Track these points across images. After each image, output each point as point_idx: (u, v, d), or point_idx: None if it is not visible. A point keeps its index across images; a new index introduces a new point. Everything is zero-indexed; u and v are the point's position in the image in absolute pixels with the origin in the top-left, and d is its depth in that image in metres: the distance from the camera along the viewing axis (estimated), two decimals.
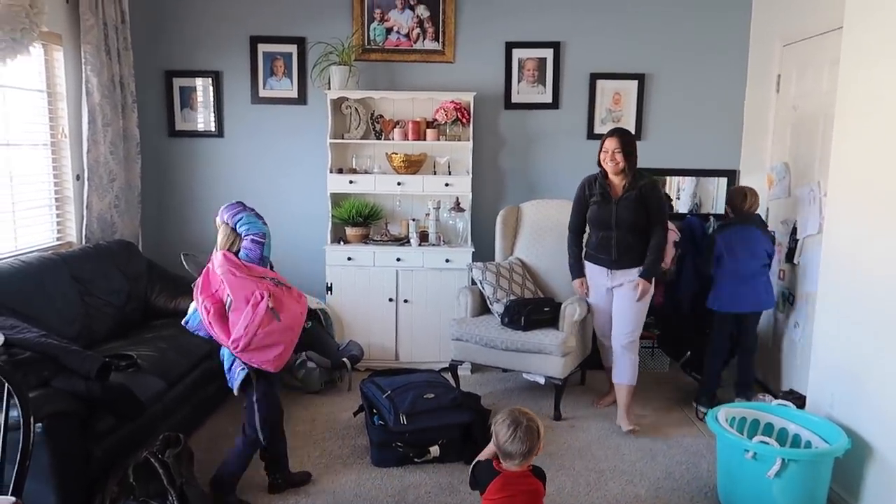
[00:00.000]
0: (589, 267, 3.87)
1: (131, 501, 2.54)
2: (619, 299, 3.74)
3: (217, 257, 2.72)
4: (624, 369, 3.72)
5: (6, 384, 1.83)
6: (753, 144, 4.66)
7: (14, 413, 1.89)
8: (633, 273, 3.68)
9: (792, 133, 4.15)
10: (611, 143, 3.62)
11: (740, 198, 4.02)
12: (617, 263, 3.71)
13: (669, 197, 4.90)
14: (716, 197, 4.96)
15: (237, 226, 2.74)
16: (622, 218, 3.65)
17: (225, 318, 2.60)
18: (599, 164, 3.74)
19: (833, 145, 3.12)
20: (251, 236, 2.72)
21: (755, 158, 4.62)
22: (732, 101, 4.78)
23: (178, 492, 2.58)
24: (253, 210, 2.80)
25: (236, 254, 2.73)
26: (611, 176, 3.70)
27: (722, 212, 4.85)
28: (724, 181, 4.90)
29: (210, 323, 2.60)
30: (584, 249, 3.92)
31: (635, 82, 4.78)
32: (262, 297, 2.57)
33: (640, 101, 4.80)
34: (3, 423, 1.84)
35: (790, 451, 2.78)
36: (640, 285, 3.64)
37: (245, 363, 2.66)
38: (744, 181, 4.79)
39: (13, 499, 1.51)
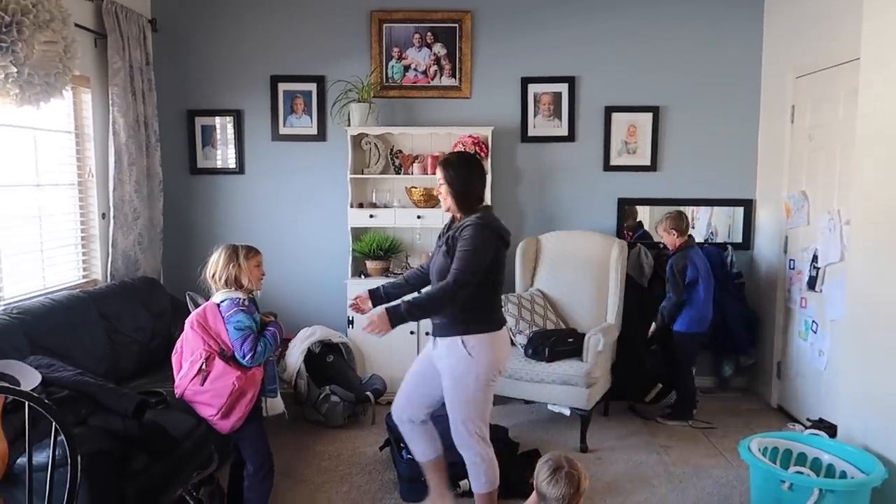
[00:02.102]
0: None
1: None
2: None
3: (206, 306, 2.82)
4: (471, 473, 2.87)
5: (53, 422, 1.84)
6: (769, 174, 4.70)
7: (57, 451, 1.91)
8: (451, 344, 2.76)
9: (808, 162, 4.19)
10: (438, 172, 2.81)
11: (684, 222, 4.29)
12: (437, 328, 2.84)
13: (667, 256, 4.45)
14: (731, 226, 4.99)
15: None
16: (433, 268, 2.84)
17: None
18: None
19: (855, 174, 3.15)
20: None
21: (771, 188, 4.66)
22: (747, 132, 4.84)
23: None
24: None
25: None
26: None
27: (738, 240, 4.90)
28: (740, 210, 4.93)
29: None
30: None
31: (650, 115, 4.84)
32: (199, 357, 2.71)
33: (654, 133, 4.86)
34: (50, 458, 1.85)
35: (828, 481, 2.76)
36: (372, 318, 2.66)
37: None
38: (760, 210, 4.83)
39: None
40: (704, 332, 4.28)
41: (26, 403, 1.85)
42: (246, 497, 2.82)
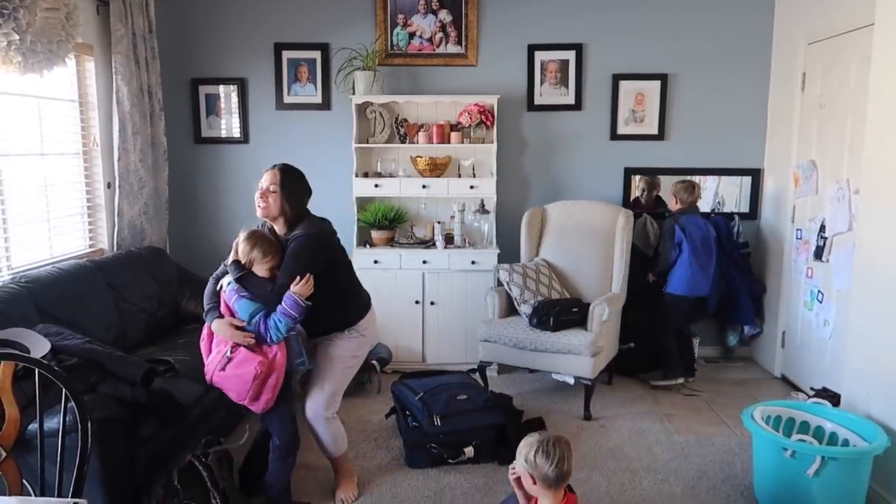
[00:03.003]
0: None
1: None
2: None
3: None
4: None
5: (63, 389, 1.87)
6: (778, 143, 4.65)
7: (67, 417, 1.94)
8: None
9: (818, 131, 4.14)
10: (266, 178, 2.77)
11: (688, 190, 4.38)
12: (310, 334, 2.95)
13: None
14: (738, 196, 4.95)
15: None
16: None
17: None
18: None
19: (866, 142, 3.11)
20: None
21: (780, 156, 4.62)
22: (756, 100, 4.77)
23: (221, 495, 2.62)
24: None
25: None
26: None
27: (745, 210, 4.88)
28: (747, 180, 4.89)
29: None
30: None
31: (658, 83, 4.78)
32: (225, 344, 2.65)
33: (662, 102, 4.80)
34: (61, 424, 1.88)
35: (830, 448, 2.78)
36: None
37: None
38: (768, 179, 4.79)
39: (84, 501, 1.54)
40: (692, 297, 4.30)
41: (36, 370, 1.87)
42: (271, 468, 2.83)
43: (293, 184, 2.79)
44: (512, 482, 2.21)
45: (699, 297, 4.33)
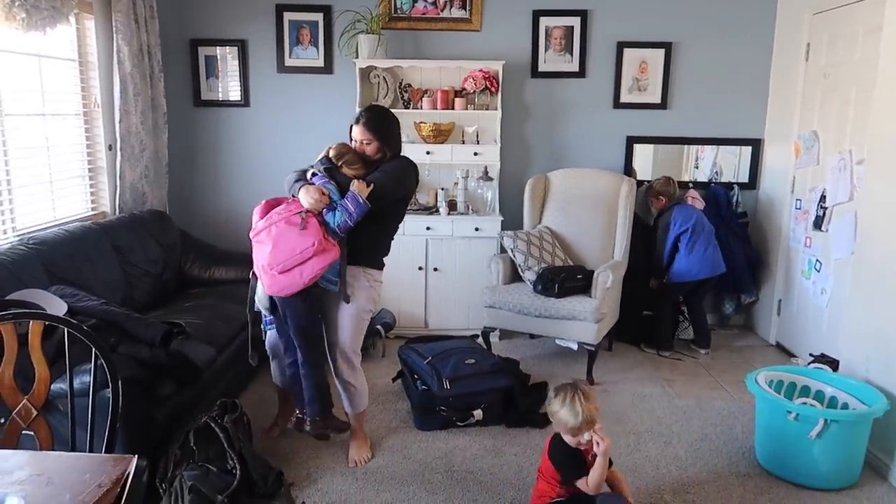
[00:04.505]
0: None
1: (192, 465, 2.60)
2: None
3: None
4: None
5: (93, 347, 1.88)
6: (780, 113, 4.68)
7: (89, 378, 1.95)
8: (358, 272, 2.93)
9: (821, 101, 4.17)
10: (358, 133, 2.88)
11: (671, 185, 4.53)
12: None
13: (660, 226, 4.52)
14: (737, 166, 4.98)
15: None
16: (364, 220, 2.80)
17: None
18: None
19: (872, 113, 3.15)
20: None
21: (781, 127, 4.65)
22: (759, 70, 4.78)
23: (237, 455, 2.64)
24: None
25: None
26: None
27: (745, 180, 4.92)
28: (747, 150, 4.93)
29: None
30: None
31: (661, 51, 4.77)
32: (297, 208, 2.72)
33: (666, 70, 4.80)
34: (91, 383, 1.89)
35: (833, 412, 2.86)
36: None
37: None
38: (769, 150, 4.82)
39: (134, 456, 1.56)
40: (692, 280, 4.36)
41: (64, 329, 1.88)
42: (304, 383, 2.86)
43: (386, 128, 2.91)
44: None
45: (707, 278, 4.38)
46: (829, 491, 2.83)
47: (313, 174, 2.83)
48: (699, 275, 4.33)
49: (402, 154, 3.01)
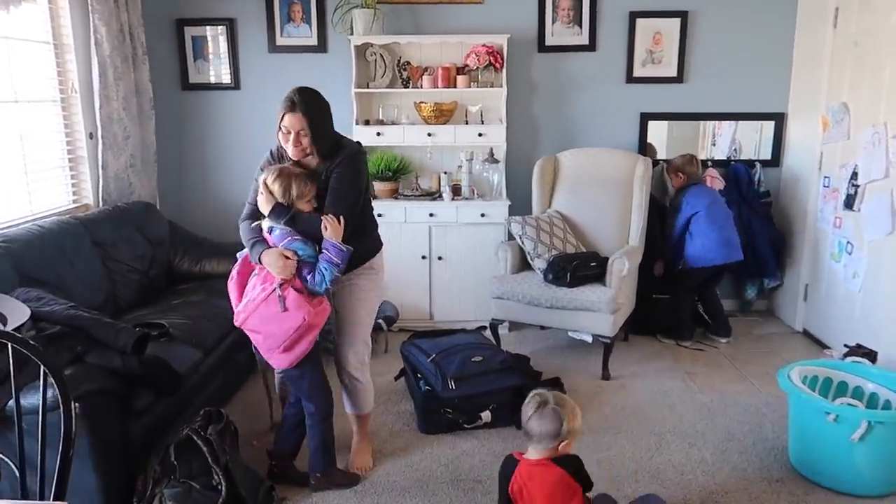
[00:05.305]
0: None
1: (174, 482, 2.38)
2: None
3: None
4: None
5: (41, 366, 1.64)
6: (805, 84, 4.37)
7: (48, 396, 1.72)
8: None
9: (852, 71, 3.86)
10: (293, 121, 2.44)
11: (694, 164, 4.20)
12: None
13: None
14: (758, 142, 4.68)
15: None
16: (318, 213, 2.54)
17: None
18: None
19: None
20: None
21: (806, 99, 4.34)
22: (781, 39, 4.46)
23: (223, 470, 2.42)
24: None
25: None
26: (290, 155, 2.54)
27: (767, 157, 4.63)
28: (770, 125, 4.62)
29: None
30: None
31: (677, 20, 4.46)
32: (271, 284, 2.43)
33: (682, 41, 4.49)
34: (41, 404, 1.66)
35: (877, 412, 2.60)
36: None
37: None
38: (793, 124, 4.52)
39: None
40: (707, 266, 4.10)
41: (9, 345, 1.64)
42: (312, 440, 2.65)
43: (321, 115, 2.50)
44: None
45: (723, 264, 4.11)
46: (871, 498, 2.58)
47: (269, 229, 2.46)
48: (713, 260, 4.06)
49: (336, 139, 2.57)
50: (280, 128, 2.48)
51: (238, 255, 2.60)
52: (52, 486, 1.55)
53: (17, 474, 1.66)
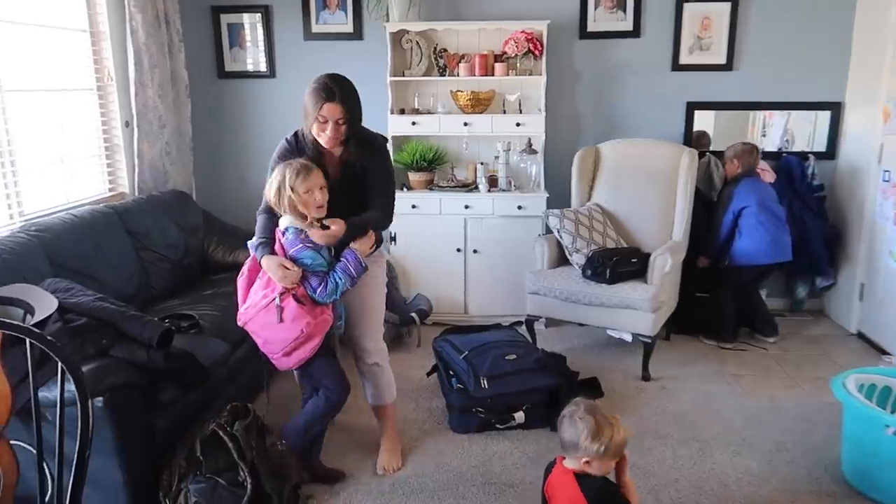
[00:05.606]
0: None
1: (199, 477, 2.34)
2: None
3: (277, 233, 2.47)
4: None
5: (59, 363, 1.59)
6: (865, 72, 4.11)
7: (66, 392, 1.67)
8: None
9: None
10: (333, 111, 2.38)
11: (753, 155, 3.96)
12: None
13: None
14: (812, 133, 4.45)
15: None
16: (344, 201, 2.49)
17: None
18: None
19: None
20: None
21: (866, 88, 4.09)
22: (840, 24, 4.21)
23: (249, 466, 2.38)
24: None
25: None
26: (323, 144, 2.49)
27: (821, 149, 4.39)
28: (825, 115, 4.38)
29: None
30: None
31: (728, 4, 4.24)
32: (273, 292, 2.39)
33: (732, 26, 4.27)
34: (58, 402, 1.62)
35: None
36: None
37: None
38: (851, 114, 4.27)
39: None
40: (756, 265, 3.91)
41: (27, 340, 1.60)
42: (308, 415, 2.59)
43: (358, 104, 2.48)
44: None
45: (770, 264, 3.92)
46: None
47: (284, 230, 2.39)
48: (760, 259, 3.87)
49: (363, 127, 2.55)
50: (317, 118, 2.40)
51: (250, 248, 2.53)
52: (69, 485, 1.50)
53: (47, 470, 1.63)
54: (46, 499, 1.66)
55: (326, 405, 2.57)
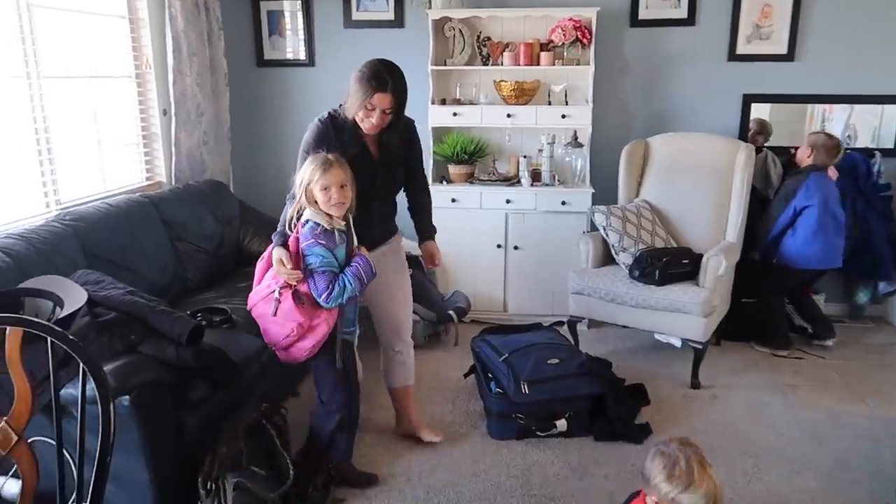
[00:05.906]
0: None
1: (240, 467, 2.25)
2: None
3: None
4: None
5: (80, 364, 1.51)
6: None
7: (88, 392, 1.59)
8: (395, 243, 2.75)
9: None
10: (384, 101, 2.35)
11: (832, 152, 3.69)
12: (379, 240, 2.64)
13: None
14: (878, 128, 4.18)
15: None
16: (387, 182, 2.59)
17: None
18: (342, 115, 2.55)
19: None
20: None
21: None
22: None
23: (290, 458, 2.33)
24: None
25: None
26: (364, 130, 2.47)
27: (889, 146, 4.13)
28: (893, 108, 4.11)
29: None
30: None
31: None
32: (276, 283, 2.37)
33: (795, 14, 4.02)
34: (79, 406, 1.54)
35: None
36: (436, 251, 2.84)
37: None
38: None
39: None
40: (805, 269, 3.69)
41: (48, 339, 1.52)
42: (310, 424, 2.55)
43: (406, 92, 2.45)
44: None
45: (821, 270, 3.71)
46: None
47: (305, 221, 2.29)
48: (812, 263, 3.66)
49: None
50: (365, 104, 2.36)
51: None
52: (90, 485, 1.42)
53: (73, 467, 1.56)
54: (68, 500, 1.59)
55: (325, 413, 2.49)
